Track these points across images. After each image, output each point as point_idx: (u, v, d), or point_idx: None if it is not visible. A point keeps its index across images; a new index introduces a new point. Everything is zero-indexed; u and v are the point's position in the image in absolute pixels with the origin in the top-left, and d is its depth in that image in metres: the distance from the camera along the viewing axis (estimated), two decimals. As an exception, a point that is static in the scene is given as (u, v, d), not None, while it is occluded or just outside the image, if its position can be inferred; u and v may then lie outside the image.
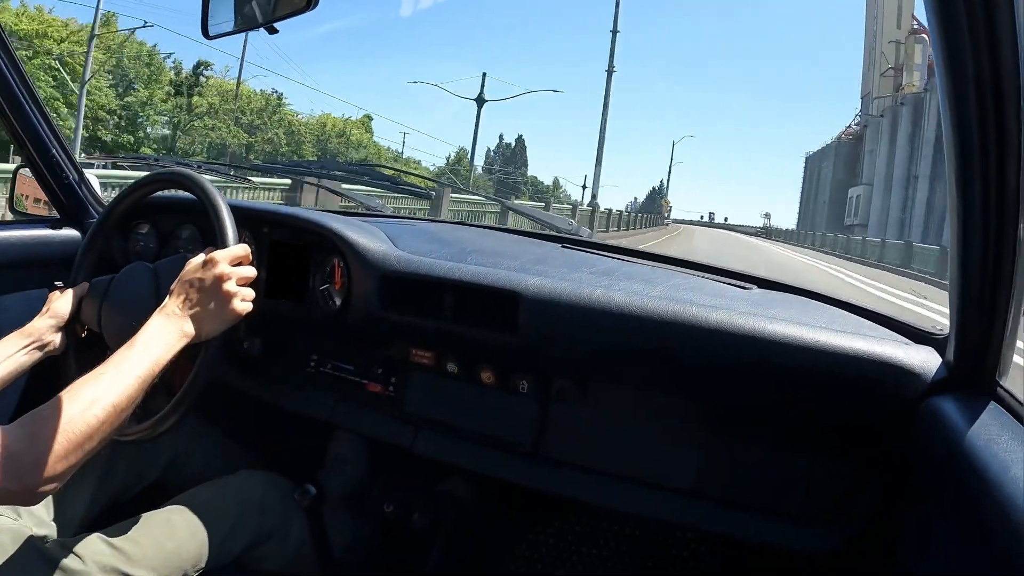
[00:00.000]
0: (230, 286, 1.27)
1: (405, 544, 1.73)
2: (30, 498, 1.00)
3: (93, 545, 1.26)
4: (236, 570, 1.46)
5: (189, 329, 1.23)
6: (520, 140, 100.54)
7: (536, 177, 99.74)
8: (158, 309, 1.25)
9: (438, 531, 1.71)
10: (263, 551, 1.50)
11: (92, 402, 1.05)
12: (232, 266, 1.29)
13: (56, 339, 1.45)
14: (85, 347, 1.50)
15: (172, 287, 1.28)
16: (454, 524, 1.73)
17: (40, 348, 1.43)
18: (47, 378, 1.51)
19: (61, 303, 1.48)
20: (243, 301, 1.29)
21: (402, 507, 1.72)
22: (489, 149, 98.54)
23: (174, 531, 1.35)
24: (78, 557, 1.23)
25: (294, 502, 1.54)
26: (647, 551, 1.83)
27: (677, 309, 1.24)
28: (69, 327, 1.48)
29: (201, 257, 1.30)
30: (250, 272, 1.31)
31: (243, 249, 1.32)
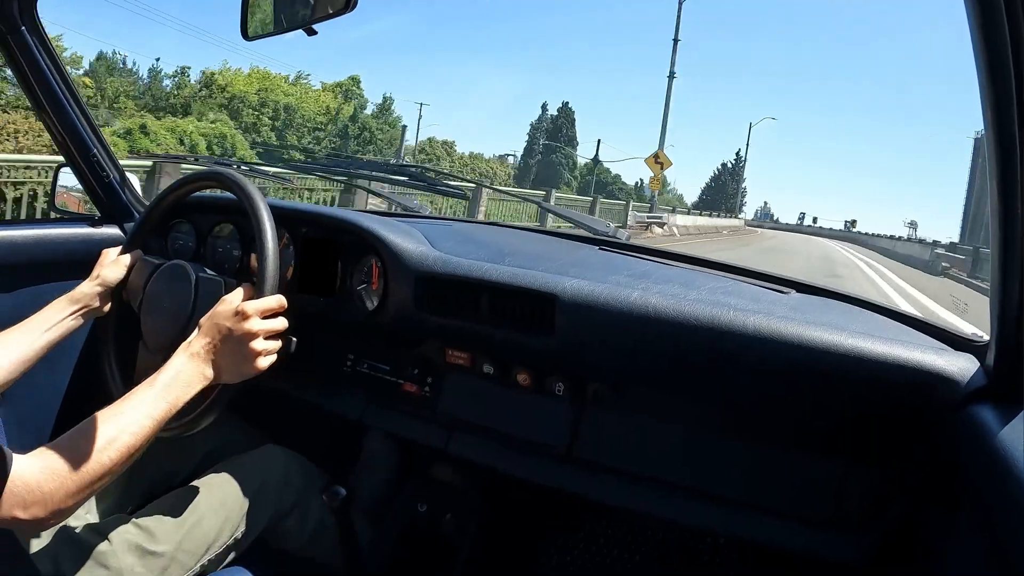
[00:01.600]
0: (257, 344, 1.30)
1: (434, 545, 1.75)
2: (37, 527, 1.08)
3: (120, 524, 1.33)
4: (259, 547, 1.50)
5: (210, 374, 1.28)
6: (567, 110, 74.99)
7: (605, 167, 74.38)
8: (184, 345, 1.29)
9: (469, 532, 1.74)
10: (285, 527, 1.56)
11: (109, 442, 1.10)
12: (264, 318, 1.32)
13: (103, 304, 1.54)
14: (127, 314, 1.59)
15: (202, 323, 1.32)
16: (485, 525, 1.75)
17: (86, 313, 1.51)
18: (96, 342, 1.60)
19: (110, 270, 1.56)
20: (266, 357, 1.32)
21: (434, 508, 1.75)
22: (531, 124, 76.82)
23: (195, 506, 1.42)
24: (103, 537, 1.30)
25: (313, 479, 1.59)
26: (678, 556, 1.85)
27: (714, 313, 1.26)
28: (116, 293, 1.56)
29: (237, 297, 1.33)
30: (280, 324, 1.35)
31: (277, 301, 1.35)
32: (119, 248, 1.61)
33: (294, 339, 1.44)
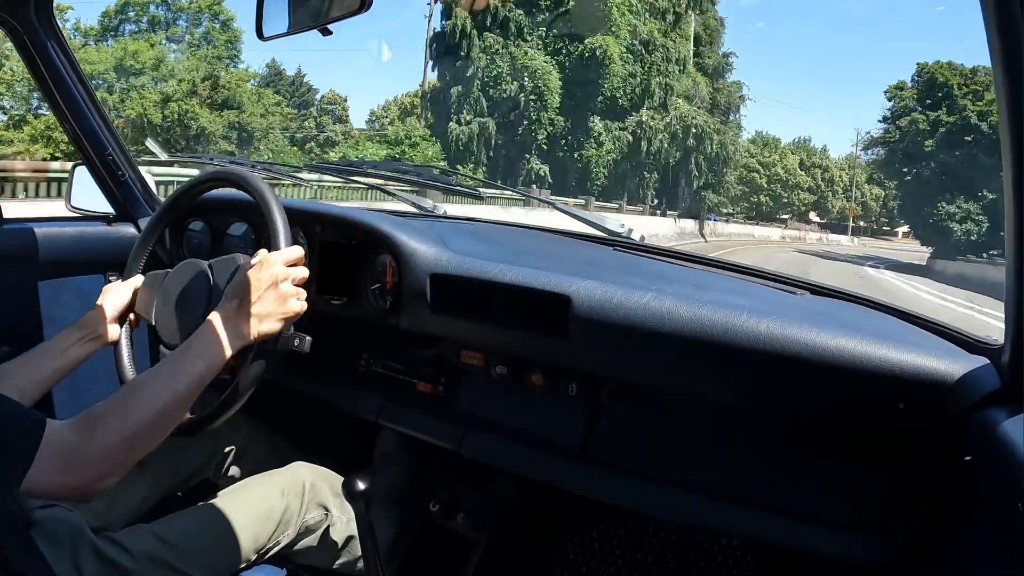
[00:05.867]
0: (285, 287, 1.29)
1: (449, 545, 1.77)
2: (84, 494, 1.07)
3: (144, 539, 1.35)
4: (282, 561, 1.52)
5: (245, 331, 1.27)
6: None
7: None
8: (214, 310, 1.29)
9: (482, 532, 1.75)
10: (310, 544, 1.58)
11: (146, 403, 1.11)
12: (286, 267, 1.32)
13: (111, 330, 1.53)
14: (139, 336, 1.60)
15: (227, 289, 1.32)
16: (499, 526, 1.77)
17: (94, 339, 1.50)
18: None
19: (115, 295, 1.55)
20: (298, 300, 1.31)
21: (448, 507, 1.77)
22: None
23: (223, 525, 1.43)
24: (128, 552, 1.31)
25: (341, 495, 1.60)
26: (692, 558, 1.86)
27: (727, 315, 1.27)
28: (123, 318, 1.56)
29: (256, 258, 1.34)
30: (303, 272, 1.34)
31: (297, 251, 1.35)
32: (119, 283, 1.60)
33: (308, 338, 1.46)
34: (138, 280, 1.58)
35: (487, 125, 33.14)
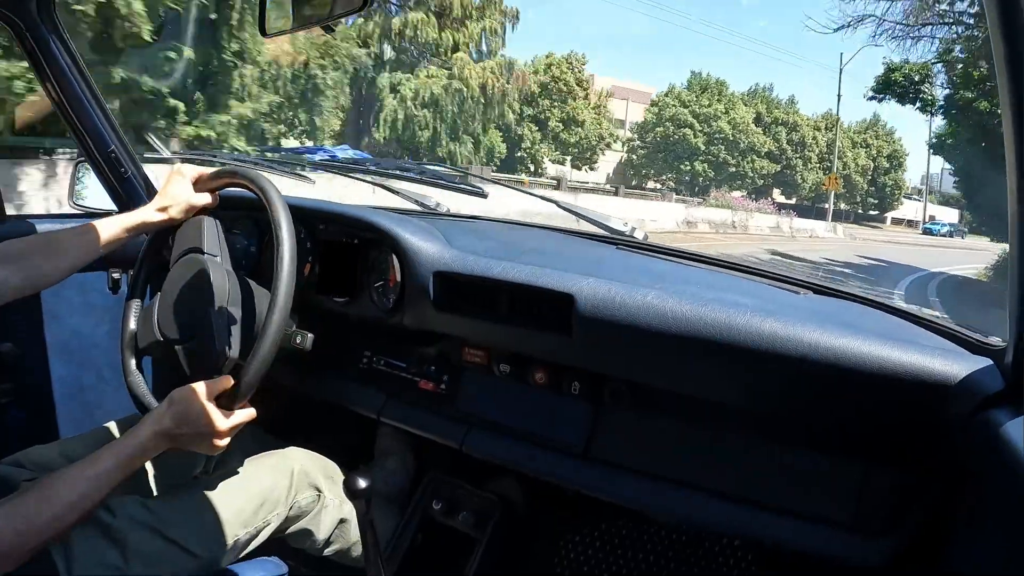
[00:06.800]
0: (218, 442, 1.32)
1: (450, 543, 1.77)
2: None
3: (129, 505, 1.35)
4: (278, 547, 1.54)
5: (163, 447, 1.30)
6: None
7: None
8: (156, 418, 1.30)
9: (484, 531, 1.75)
10: (303, 527, 1.59)
11: (68, 508, 1.17)
12: (233, 430, 1.35)
13: (151, 233, 1.65)
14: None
15: (177, 400, 1.31)
16: (500, 524, 1.77)
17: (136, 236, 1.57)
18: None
19: (179, 209, 1.58)
20: (215, 449, 1.34)
21: (449, 505, 1.77)
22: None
23: (209, 499, 1.44)
24: (112, 513, 1.32)
25: (334, 479, 1.62)
26: (694, 557, 1.86)
27: (730, 315, 1.27)
28: (167, 230, 1.61)
29: (218, 388, 1.33)
30: (235, 431, 1.37)
31: (249, 416, 1.37)
32: (191, 177, 1.61)
33: (311, 336, 1.46)
34: (204, 220, 1.59)
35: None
